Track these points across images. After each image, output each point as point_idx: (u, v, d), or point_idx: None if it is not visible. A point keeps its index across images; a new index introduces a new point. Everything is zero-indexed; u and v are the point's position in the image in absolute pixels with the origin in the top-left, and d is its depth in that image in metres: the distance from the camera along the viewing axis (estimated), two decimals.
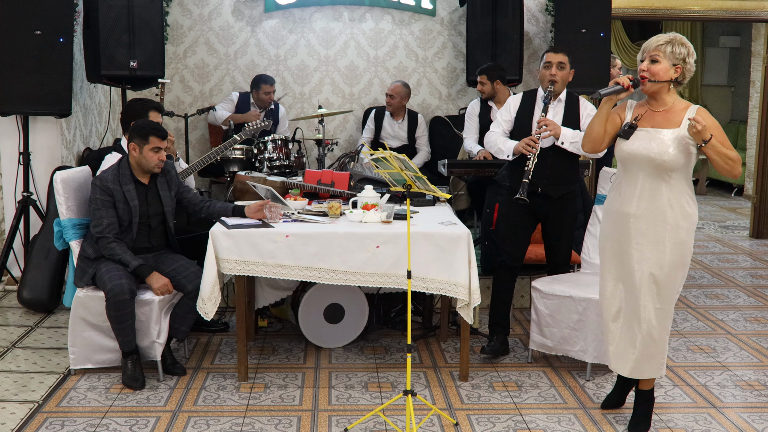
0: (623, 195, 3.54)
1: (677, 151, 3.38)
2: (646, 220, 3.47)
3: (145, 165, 4.24)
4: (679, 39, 3.42)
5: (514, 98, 4.68)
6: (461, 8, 7.28)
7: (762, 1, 7.62)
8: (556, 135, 4.38)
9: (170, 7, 7.09)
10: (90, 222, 4.26)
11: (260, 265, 4.11)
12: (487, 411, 3.92)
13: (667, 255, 3.46)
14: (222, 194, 6.98)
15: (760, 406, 4.00)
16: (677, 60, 3.40)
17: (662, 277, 3.47)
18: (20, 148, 5.75)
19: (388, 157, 3.60)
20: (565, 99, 4.59)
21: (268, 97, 6.77)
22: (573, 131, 4.43)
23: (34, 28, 5.43)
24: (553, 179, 4.48)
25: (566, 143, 4.41)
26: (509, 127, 4.63)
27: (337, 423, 3.76)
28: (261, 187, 4.70)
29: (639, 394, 3.71)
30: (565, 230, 4.66)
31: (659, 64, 3.40)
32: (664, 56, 3.39)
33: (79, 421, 3.75)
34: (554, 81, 4.45)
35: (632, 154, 3.46)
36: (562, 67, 4.48)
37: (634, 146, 3.45)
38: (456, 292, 4.09)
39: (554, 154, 4.46)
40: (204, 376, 4.34)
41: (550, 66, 4.47)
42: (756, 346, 4.88)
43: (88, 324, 4.22)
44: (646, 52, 3.45)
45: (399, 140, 6.97)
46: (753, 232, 8.25)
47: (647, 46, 3.45)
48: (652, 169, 3.43)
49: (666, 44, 3.40)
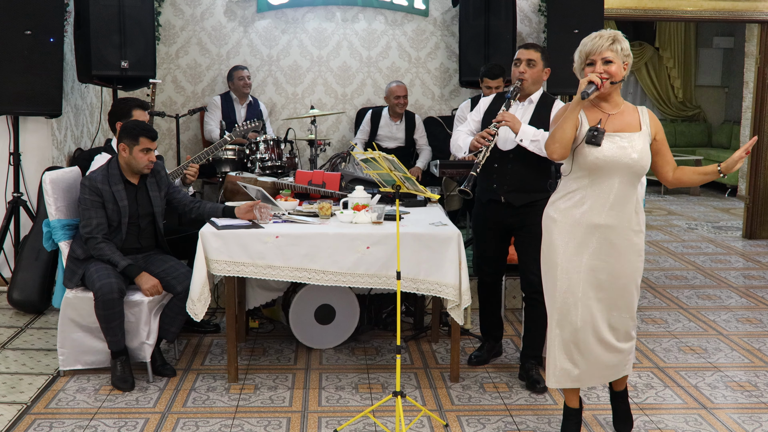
0: (590, 205, 3.30)
1: (648, 155, 3.30)
2: (615, 230, 3.30)
3: (135, 166, 4.22)
4: (618, 35, 3.30)
5: (486, 99, 4.41)
6: (454, 9, 7.27)
7: (755, 2, 7.63)
8: (515, 128, 3.98)
9: (162, 7, 7.07)
10: (79, 222, 4.25)
11: (250, 266, 4.10)
12: (478, 412, 3.91)
13: (635, 263, 3.37)
14: (214, 195, 6.96)
15: (750, 407, 3.99)
16: (625, 57, 3.30)
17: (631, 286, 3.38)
18: (10, 149, 5.73)
19: (377, 158, 3.59)
20: (538, 100, 4.22)
21: (242, 82, 6.82)
22: (535, 129, 4.02)
23: (24, 27, 5.42)
24: (514, 186, 4.15)
25: (525, 141, 3.99)
26: (477, 127, 4.34)
27: (326, 424, 3.74)
28: (252, 187, 4.68)
29: (617, 395, 3.65)
30: (536, 242, 3.89)
31: (613, 64, 3.26)
32: (616, 55, 3.26)
33: (67, 422, 3.73)
34: (523, 79, 4.14)
35: (609, 161, 3.23)
36: (533, 64, 4.15)
37: (610, 152, 3.23)
38: (446, 293, 4.08)
39: (516, 158, 4.13)
40: (194, 377, 4.32)
41: (519, 63, 4.18)
42: (747, 347, 4.88)
43: (77, 325, 4.20)
44: (595, 53, 3.26)
45: (396, 141, 6.96)
46: (746, 233, 8.26)
47: (595, 48, 3.27)
48: (629, 176, 3.27)
49: (614, 43, 3.27)
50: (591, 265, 3.33)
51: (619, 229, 3.31)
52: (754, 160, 8.08)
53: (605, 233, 3.31)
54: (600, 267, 3.33)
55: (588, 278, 3.34)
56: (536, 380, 4.18)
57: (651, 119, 3.36)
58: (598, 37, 3.29)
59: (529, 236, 4.15)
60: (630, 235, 3.34)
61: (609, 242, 3.31)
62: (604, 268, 3.33)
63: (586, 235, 3.32)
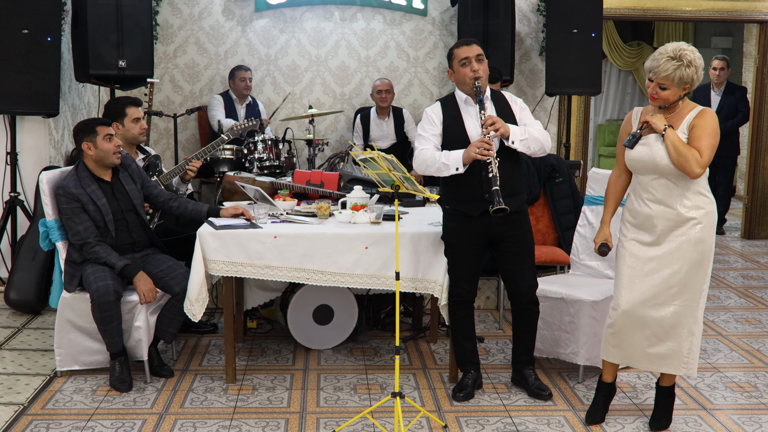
0: (639, 199, 3.57)
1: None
2: (663, 220, 3.50)
3: (105, 158, 4.19)
4: (686, 59, 3.35)
5: (432, 109, 4.02)
6: (452, 8, 7.26)
7: (753, 2, 7.63)
8: (505, 134, 3.79)
9: (160, 7, 7.05)
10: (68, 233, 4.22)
11: (248, 266, 4.08)
12: (477, 413, 3.90)
13: (687, 253, 3.49)
14: (212, 195, 6.95)
15: (750, 408, 3.98)
16: (685, 83, 3.41)
17: (683, 276, 3.51)
18: (7, 148, 5.71)
19: (376, 158, 3.57)
20: (491, 96, 3.99)
21: (243, 84, 6.82)
22: (520, 128, 3.87)
23: (21, 27, 5.41)
24: (505, 191, 3.79)
25: (516, 142, 3.83)
26: (438, 141, 3.97)
27: (325, 425, 3.73)
28: (250, 187, 4.67)
29: (662, 390, 3.76)
30: (527, 251, 4.02)
31: (668, 90, 3.41)
32: (672, 84, 3.38)
33: (64, 423, 3.71)
34: (478, 77, 3.86)
35: (637, 161, 3.52)
36: (481, 60, 3.89)
37: (636, 154, 3.51)
38: (436, 290, 4.08)
39: (504, 159, 3.87)
40: (191, 377, 4.31)
41: (468, 62, 3.87)
42: (747, 348, 4.87)
43: (74, 326, 4.19)
44: (653, 74, 3.40)
45: (388, 140, 6.96)
46: (744, 233, 8.25)
47: (655, 70, 3.39)
48: (658, 173, 3.49)
49: (673, 72, 3.35)
50: (644, 256, 3.56)
51: (667, 221, 3.50)
52: (752, 161, 8.08)
53: (655, 223, 3.52)
54: (654, 256, 3.54)
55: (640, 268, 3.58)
56: (540, 388, 4.06)
57: (698, 115, 3.45)
58: (665, 59, 3.38)
59: (518, 245, 3.98)
60: (680, 227, 3.49)
61: (657, 232, 3.52)
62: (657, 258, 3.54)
63: (638, 228, 3.58)
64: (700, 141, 3.40)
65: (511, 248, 3.99)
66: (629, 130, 3.62)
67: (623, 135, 3.65)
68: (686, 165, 3.37)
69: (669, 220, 3.49)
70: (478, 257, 4.05)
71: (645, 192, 3.55)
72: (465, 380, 4.10)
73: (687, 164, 3.37)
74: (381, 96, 6.85)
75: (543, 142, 3.91)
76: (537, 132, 3.91)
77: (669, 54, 3.37)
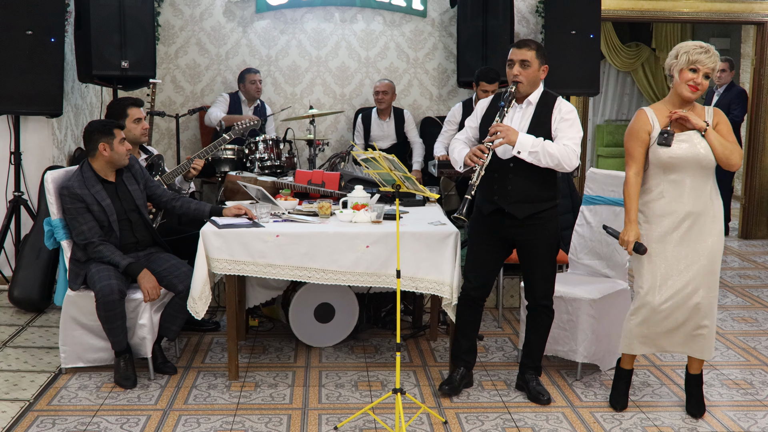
0: (670, 197, 3.69)
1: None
2: (696, 216, 3.67)
3: (119, 160, 4.26)
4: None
5: (484, 101, 4.09)
6: (452, 9, 7.31)
7: (751, 3, 7.68)
8: (511, 142, 3.73)
9: (161, 8, 7.10)
10: (72, 233, 4.26)
11: (251, 265, 4.13)
12: (476, 409, 3.95)
13: (717, 245, 3.71)
14: (213, 194, 7.00)
15: (746, 405, 4.04)
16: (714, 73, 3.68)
17: (710, 266, 3.69)
18: (11, 148, 5.76)
19: (377, 158, 3.62)
20: (537, 101, 3.92)
21: (254, 86, 6.84)
22: (535, 139, 3.77)
23: (25, 28, 5.44)
24: (516, 197, 3.85)
25: (524, 153, 3.74)
26: (474, 134, 4.07)
27: (327, 421, 3.78)
28: (252, 187, 4.72)
29: (693, 378, 3.90)
30: (539, 258, 3.97)
31: (707, 81, 3.63)
32: (713, 74, 3.63)
33: (70, 419, 3.76)
34: (518, 81, 3.84)
35: (679, 158, 3.62)
36: (527, 65, 3.83)
37: (680, 151, 3.62)
38: (444, 291, 4.11)
39: (517, 168, 3.84)
40: (195, 375, 4.35)
41: (512, 64, 3.86)
42: (743, 346, 4.92)
43: (79, 323, 4.24)
44: (701, 64, 3.58)
45: (389, 140, 7.00)
46: (741, 233, 8.30)
47: (706, 61, 3.59)
48: (698, 170, 3.64)
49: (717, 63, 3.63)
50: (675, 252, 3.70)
51: (700, 216, 3.68)
52: (749, 162, 8.13)
53: (688, 220, 3.68)
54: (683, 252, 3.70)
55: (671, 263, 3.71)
56: (539, 392, 4.05)
57: (715, 114, 3.73)
58: (713, 51, 3.62)
59: (534, 252, 3.96)
60: (710, 221, 3.70)
61: (689, 228, 3.68)
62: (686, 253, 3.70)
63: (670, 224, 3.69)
64: (731, 136, 3.67)
65: (525, 252, 4.01)
66: (648, 129, 3.69)
67: (640, 134, 3.69)
68: (731, 158, 3.61)
69: (701, 215, 3.68)
70: (493, 254, 4.05)
71: (675, 188, 3.67)
72: (453, 375, 4.15)
73: (732, 157, 3.61)
74: (378, 97, 6.90)
75: (560, 158, 3.75)
76: (556, 147, 3.76)
77: (711, 51, 3.62)
